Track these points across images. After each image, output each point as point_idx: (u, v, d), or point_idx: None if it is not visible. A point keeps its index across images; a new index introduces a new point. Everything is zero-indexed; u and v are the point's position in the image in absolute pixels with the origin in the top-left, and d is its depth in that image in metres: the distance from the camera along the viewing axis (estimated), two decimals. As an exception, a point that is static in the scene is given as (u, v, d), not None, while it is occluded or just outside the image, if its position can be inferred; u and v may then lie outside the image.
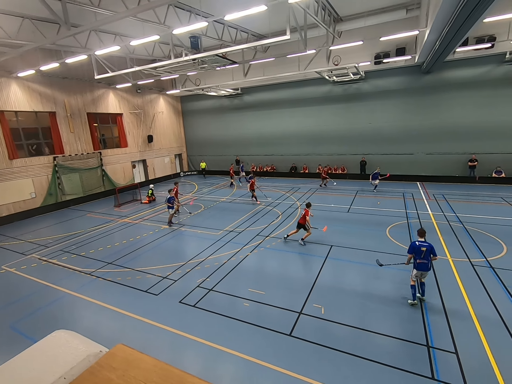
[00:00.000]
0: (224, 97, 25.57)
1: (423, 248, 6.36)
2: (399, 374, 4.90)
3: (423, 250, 6.35)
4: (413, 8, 14.48)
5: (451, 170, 19.04)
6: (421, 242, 6.49)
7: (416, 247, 6.45)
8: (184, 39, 13.43)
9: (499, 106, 17.20)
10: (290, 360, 5.30)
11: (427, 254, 6.35)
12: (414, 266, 6.55)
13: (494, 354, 5.18)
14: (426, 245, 6.41)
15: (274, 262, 9.45)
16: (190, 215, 14.47)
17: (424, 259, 6.37)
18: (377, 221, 12.32)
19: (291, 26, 10.46)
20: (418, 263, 6.44)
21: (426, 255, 6.35)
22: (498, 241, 9.75)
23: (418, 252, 6.42)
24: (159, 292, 7.80)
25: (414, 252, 6.47)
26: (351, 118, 21.18)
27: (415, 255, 6.47)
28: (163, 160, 26.19)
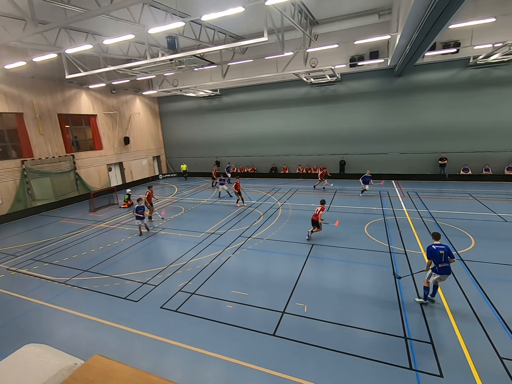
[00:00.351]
0: (203, 98, 25.34)
1: (441, 251, 6.16)
2: (380, 366, 5.06)
3: (442, 254, 6.15)
4: (385, 13, 15.06)
5: (423, 168, 19.98)
6: (438, 245, 6.26)
7: (434, 251, 6.20)
8: (160, 39, 13.16)
9: (464, 107, 18.28)
10: (275, 360, 5.32)
11: (446, 257, 6.15)
12: (435, 271, 6.28)
13: (466, 342, 5.47)
14: (443, 247, 6.22)
15: (257, 262, 9.46)
16: (163, 221, 13.85)
17: (445, 263, 6.16)
18: (355, 219, 12.67)
19: (268, 28, 10.54)
20: (440, 268, 6.19)
21: (446, 258, 6.14)
22: (467, 235, 10.33)
23: (438, 256, 6.18)
24: (139, 298, 7.58)
25: (434, 257, 6.21)
26: (329, 119, 21.67)
27: (435, 260, 6.22)
28: (140, 163, 25.51)
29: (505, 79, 17.20)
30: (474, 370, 4.84)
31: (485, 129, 18.10)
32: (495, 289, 7.03)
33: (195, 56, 13.11)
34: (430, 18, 8.69)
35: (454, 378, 4.73)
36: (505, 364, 4.92)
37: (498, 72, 17.30)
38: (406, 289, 7.27)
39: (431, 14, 8.32)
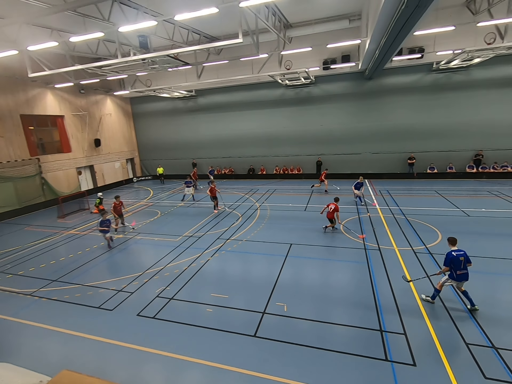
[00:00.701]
0: (178, 99, 24.88)
1: (461, 258, 6.01)
2: (357, 360, 5.22)
3: (461, 260, 5.99)
4: (355, 19, 15.65)
5: (394, 167, 20.94)
6: (458, 252, 6.11)
7: (455, 258, 6.03)
8: (131, 37, 12.74)
9: (429, 110, 19.40)
10: (256, 361, 5.32)
11: (465, 263, 6.02)
12: (453, 278, 6.14)
13: (436, 331, 5.78)
14: (462, 253, 6.07)
15: (236, 264, 9.42)
16: (133, 230, 12.82)
17: (464, 269, 6.02)
18: (332, 218, 13.00)
19: (243, 29, 10.57)
20: (458, 275, 6.04)
21: (464, 265, 6.02)
22: (434, 230, 10.95)
23: (458, 263, 6.01)
24: (114, 306, 7.27)
25: (454, 264, 6.05)
26: (304, 120, 22.10)
27: (454, 267, 6.06)
28: (113, 165, 24.54)
29: (464, 83, 18.48)
30: (443, 357, 5.13)
31: (448, 130, 19.32)
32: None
33: (169, 56, 12.85)
34: (396, 25, 9.13)
35: (426, 366, 4.98)
36: (471, 349, 5.26)
37: (458, 76, 18.54)
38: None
39: (397, 21, 8.75)
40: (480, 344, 5.36)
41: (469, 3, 14.70)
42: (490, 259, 8.55)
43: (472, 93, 18.43)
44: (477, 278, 7.64)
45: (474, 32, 14.71)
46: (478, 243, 9.62)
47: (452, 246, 6.33)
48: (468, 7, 14.87)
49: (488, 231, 10.60)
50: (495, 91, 18.04)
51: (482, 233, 10.42)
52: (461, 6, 15.01)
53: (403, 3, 7.52)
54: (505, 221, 11.44)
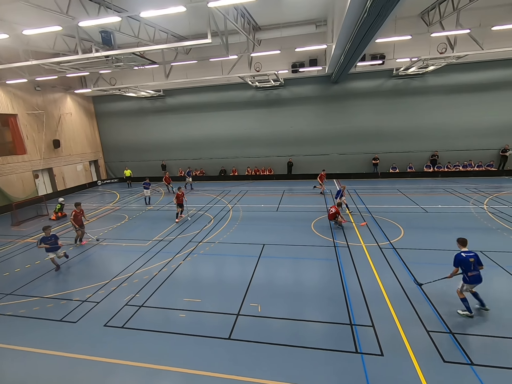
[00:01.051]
0: (145, 99, 24.03)
1: (471, 259, 5.90)
2: (329, 354, 5.38)
3: (472, 262, 5.88)
4: (321, 24, 16.19)
5: (360, 167, 21.96)
6: (467, 253, 6.00)
7: (464, 260, 5.91)
8: (93, 33, 12.08)
9: (391, 113, 20.64)
10: (231, 364, 5.28)
11: (476, 265, 5.92)
12: (465, 280, 5.99)
13: (401, 321, 6.14)
14: (472, 254, 5.97)
15: (209, 267, 9.29)
16: (97, 242, 11.52)
17: (474, 271, 5.88)
18: (302, 218, 13.31)
19: (212, 30, 10.49)
20: (470, 277, 5.88)
21: (475, 266, 5.90)
22: (397, 226, 11.64)
23: (467, 264, 5.89)
24: (78, 318, 6.83)
25: (463, 265, 5.94)
26: (274, 122, 22.42)
27: (464, 268, 5.94)
28: (75, 168, 23.07)
29: (420, 89, 19.90)
30: (408, 345, 5.46)
31: (407, 132, 20.67)
32: (421, 272, 8.03)
33: (134, 54, 12.38)
34: (359, 32, 9.60)
35: (392, 355, 5.27)
36: (431, 336, 5.66)
37: (415, 82, 19.93)
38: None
39: (360, 28, 9.21)
40: (439, 331, 5.78)
41: (423, 14, 15.87)
42: (446, 251, 9.26)
43: (428, 98, 19.90)
44: (435, 270, 8.24)
45: (428, 42, 15.90)
46: (435, 236, 10.39)
47: (462, 247, 6.17)
48: (422, 18, 16.05)
49: (444, 225, 11.49)
50: (447, 97, 19.64)
51: (439, 228, 11.27)
52: (417, 17, 16.16)
53: (365, 12, 7.92)
54: (458, 215, 12.48)
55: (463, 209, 13.31)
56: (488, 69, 18.64)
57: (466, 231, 10.74)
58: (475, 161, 20.22)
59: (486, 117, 19.33)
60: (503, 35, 15.11)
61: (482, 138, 19.73)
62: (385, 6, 7.37)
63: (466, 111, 19.55)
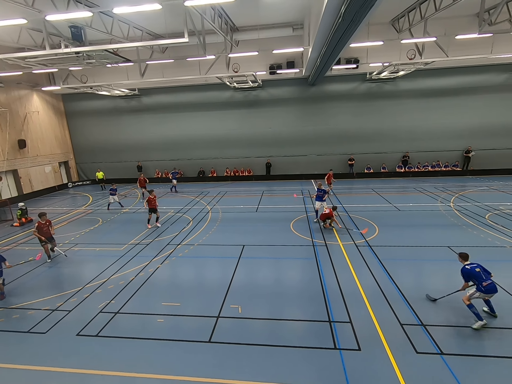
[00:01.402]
0: (119, 98, 23.20)
1: (477, 269, 5.89)
2: (309, 352, 5.47)
3: (479, 271, 5.86)
4: (298, 28, 16.48)
5: (336, 168, 22.48)
6: (471, 265, 6.01)
7: (472, 273, 5.88)
8: (62, 28, 11.51)
9: (365, 115, 21.39)
10: (211, 367, 5.21)
11: (486, 273, 5.90)
12: (481, 290, 5.80)
13: (376, 316, 6.37)
14: (476, 265, 5.98)
15: (188, 270, 9.14)
16: (66, 257, 10.17)
17: (488, 280, 5.79)
18: (282, 218, 13.44)
19: (189, 29, 10.34)
20: (485, 287, 5.73)
21: (486, 275, 5.86)
22: (372, 224, 12.07)
23: (477, 275, 5.84)
24: (48, 328, 6.45)
25: (474, 277, 5.88)
26: (253, 123, 22.49)
27: (476, 281, 5.86)
28: (43, 170, 21.81)
29: (392, 93, 20.81)
30: (383, 338, 5.67)
31: (380, 134, 21.52)
32: (394, 268, 8.38)
33: (107, 51, 11.93)
34: (334, 36, 9.88)
35: (369, 349, 5.44)
36: (405, 329, 5.91)
37: (387, 86, 20.81)
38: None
39: (335, 33, 9.48)
40: (411, 323, 6.06)
41: (394, 22, 16.62)
42: (417, 247, 9.74)
43: (399, 102, 20.85)
44: (406, 265, 8.65)
45: (399, 48, 16.67)
46: (407, 233, 10.90)
47: (464, 261, 6.18)
48: (393, 25, 16.80)
49: (415, 223, 12.07)
50: (416, 101, 20.69)
51: (410, 225, 11.83)
52: (388, 24, 16.90)
53: (340, 17, 8.17)
54: (428, 213, 13.16)
55: (432, 207, 14.05)
56: (453, 76, 19.85)
57: (434, 228, 11.36)
58: (442, 161, 21.45)
59: (451, 120, 20.56)
60: (466, 43, 16.17)
61: (448, 140, 20.98)
62: (358, 12, 7.64)
63: (433, 115, 20.70)
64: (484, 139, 20.54)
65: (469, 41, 15.79)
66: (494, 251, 9.14)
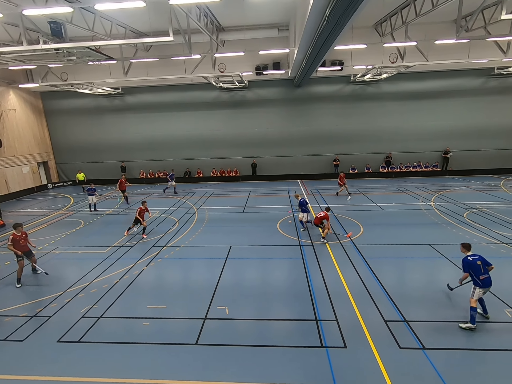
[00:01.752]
0: (102, 96, 22.60)
1: (478, 262, 5.89)
2: (296, 351, 5.50)
3: (479, 264, 5.86)
4: (283, 29, 16.59)
5: (322, 168, 22.88)
6: (473, 256, 6.03)
7: (472, 263, 5.90)
8: (41, 23, 11.10)
9: (349, 116, 21.82)
10: (199, 369, 5.16)
11: (485, 267, 5.87)
12: (477, 284, 5.84)
13: (361, 313, 6.49)
14: (477, 257, 5.96)
15: (174, 272, 9.01)
16: (47, 275, 8.70)
17: (485, 274, 5.81)
18: (268, 218, 13.49)
19: (174, 28, 10.21)
20: (482, 280, 5.78)
21: (484, 269, 5.85)
22: (357, 223, 12.31)
23: (476, 268, 5.85)
24: (26, 336, 6.19)
25: (472, 269, 5.89)
26: (239, 123, 22.46)
27: (474, 273, 5.87)
28: (20, 170, 20.94)
29: (375, 95, 21.33)
30: (368, 335, 5.79)
31: (364, 135, 22.00)
32: (379, 266, 8.58)
33: (89, 48, 11.60)
34: (319, 39, 10.02)
35: (354, 346, 5.54)
36: (389, 325, 6.06)
37: (370, 89, 21.31)
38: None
39: (320, 35, 9.61)
40: (395, 320, 6.22)
41: (377, 26, 17.04)
42: (400, 245, 10.02)
43: (382, 104, 21.39)
44: (389, 263, 8.88)
45: (382, 52, 17.09)
46: (390, 232, 11.19)
47: (467, 252, 6.18)
48: (376, 29, 17.23)
49: (398, 221, 12.42)
50: (398, 103, 21.30)
51: (393, 224, 12.15)
52: (371, 28, 17.31)
53: (324, 19, 8.29)
54: (410, 212, 13.56)
55: (414, 206, 14.49)
56: (433, 79, 20.58)
57: (416, 227, 11.72)
58: (423, 162, 22.16)
59: (430, 122, 21.31)
60: (445, 49, 16.78)
61: (428, 141, 21.71)
62: (342, 15, 7.78)
63: (414, 116, 21.38)
64: (461, 140, 21.42)
65: (447, 46, 16.41)
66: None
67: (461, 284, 6.43)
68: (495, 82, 20.48)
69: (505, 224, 11.40)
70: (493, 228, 10.99)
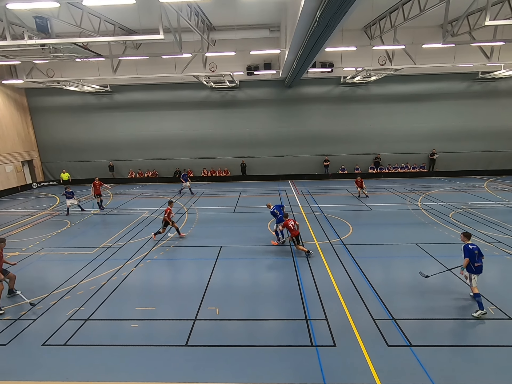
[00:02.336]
0: (89, 94, 22.14)
1: (476, 251, 6.34)
2: (287, 350, 5.52)
3: (476, 253, 6.32)
4: (274, 30, 16.64)
5: (312, 169, 23.06)
6: (472, 245, 6.44)
7: (471, 251, 6.33)
8: (26, 18, 10.78)
9: (339, 118, 22.08)
10: (189, 371, 5.11)
11: (480, 256, 6.37)
12: (472, 271, 6.36)
13: (351, 312, 6.57)
14: (476, 247, 6.41)
15: (164, 272, 8.91)
16: (31, 307, 7.12)
17: (479, 262, 6.33)
18: (258, 218, 13.49)
19: (164, 26, 10.09)
20: (476, 267, 6.31)
21: (479, 257, 6.36)
22: (346, 223, 12.46)
23: (473, 255, 6.31)
24: (9, 340, 5.99)
25: (470, 257, 6.32)
26: (230, 123, 22.40)
27: (470, 259, 6.32)
28: (3, 169, 20.29)
29: (364, 97, 21.65)
30: (357, 334, 5.86)
31: (354, 136, 22.31)
32: (367, 265, 8.70)
33: (76, 44, 11.35)
34: (310, 40, 10.10)
35: (344, 344, 5.60)
36: (377, 323, 6.16)
37: (360, 91, 21.61)
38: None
39: (311, 37, 9.68)
40: (383, 318, 6.32)
41: (366, 29, 17.29)
42: (388, 245, 10.19)
43: (371, 106, 21.73)
44: (378, 262, 9.03)
45: (371, 54, 17.37)
46: (379, 232, 11.37)
47: (467, 240, 6.60)
48: (366, 32, 17.48)
49: (386, 221, 12.63)
50: (386, 105, 21.69)
51: (381, 224, 12.35)
52: (361, 30, 17.56)
53: (315, 21, 8.36)
54: (398, 212, 13.83)
55: (401, 206, 14.78)
56: (420, 82, 21.04)
57: (404, 227, 11.95)
58: (410, 163, 22.63)
59: (417, 124, 21.78)
60: (432, 52, 17.18)
61: (415, 143, 22.19)
62: (333, 17, 7.87)
63: (402, 118, 21.81)
64: (447, 142, 21.98)
65: (434, 50, 16.82)
66: (457, 248, 9.66)
67: (462, 272, 6.55)
68: (479, 86, 21.10)
69: (489, 224, 11.76)
70: (477, 228, 11.31)
